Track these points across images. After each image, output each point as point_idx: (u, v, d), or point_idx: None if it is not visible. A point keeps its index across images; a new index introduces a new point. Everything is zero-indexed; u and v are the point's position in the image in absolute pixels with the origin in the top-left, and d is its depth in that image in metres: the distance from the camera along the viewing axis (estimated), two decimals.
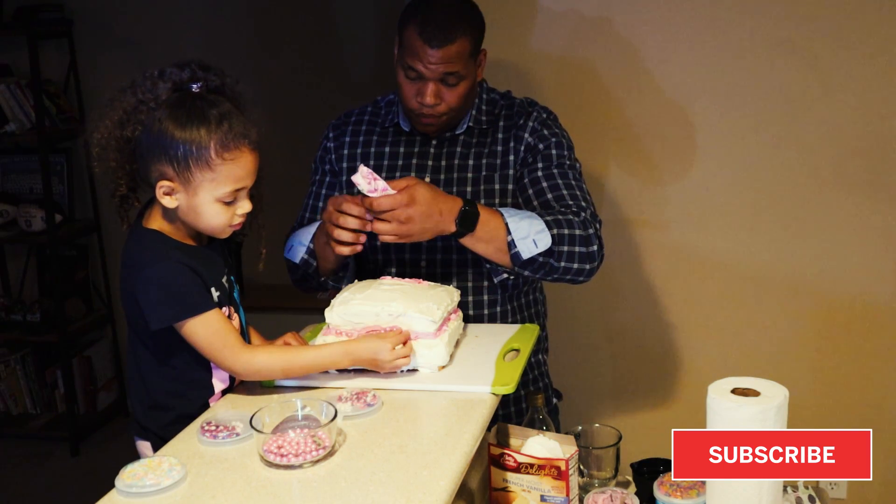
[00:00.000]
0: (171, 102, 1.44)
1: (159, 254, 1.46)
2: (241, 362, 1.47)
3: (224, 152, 1.43)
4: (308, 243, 1.86)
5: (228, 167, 1.44)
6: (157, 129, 1.43)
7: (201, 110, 1.43)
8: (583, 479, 1.58)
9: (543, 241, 1.72)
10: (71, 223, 4.00)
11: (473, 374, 1.54)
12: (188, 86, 1.46)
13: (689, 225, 2.65)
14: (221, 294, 1.53)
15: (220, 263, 1.58)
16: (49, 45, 3.89)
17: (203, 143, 1.42)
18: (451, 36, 1.75)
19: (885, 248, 2.55)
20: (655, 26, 2.55)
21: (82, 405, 4.01)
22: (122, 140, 1.47)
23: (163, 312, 1.44)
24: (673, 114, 2.59)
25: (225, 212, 1.48)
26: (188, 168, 1.43)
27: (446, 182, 1.89)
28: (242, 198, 1.50)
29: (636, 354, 2.78)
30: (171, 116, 1.43)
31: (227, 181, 1.45)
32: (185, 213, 1.48)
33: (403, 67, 1.80)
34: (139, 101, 1.45)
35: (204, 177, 1.44)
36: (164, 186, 1.45)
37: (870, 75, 2.46)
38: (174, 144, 1.42)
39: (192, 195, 1.45)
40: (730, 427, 1.23)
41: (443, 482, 1.22)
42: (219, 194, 1.46)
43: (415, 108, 1.83)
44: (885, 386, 2.62)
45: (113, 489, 1.25)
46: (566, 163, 1.88)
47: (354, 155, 1.96)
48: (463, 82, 1.81)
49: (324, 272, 1.88)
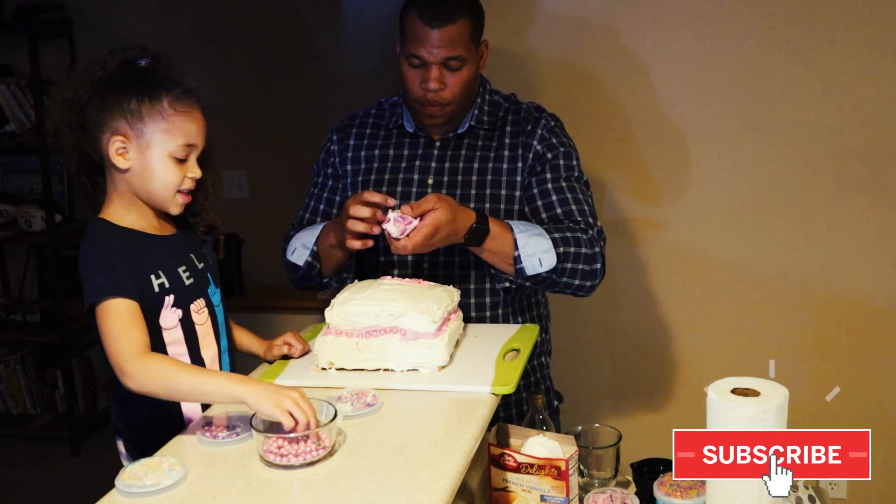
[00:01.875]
0: (120, 72, 1.49)
1: (92, 237, 1.48)
2: (130, 362, 1.37)
3: (177, 103, 1.48)
4: (312, 246, 1.87)
5: (181, 119, 1.48)
6: (111, 91, 1.46)
7: (152, 73, 1.49)
8: (583, 479, 1.58)
9: (548, 261, 1.76)
10: (71, 223, 3.99)
11: (473, 374, 1.54)
12: (136, 61, 1.51)
13: (689, 225, 2.65)
14: (172, 282, 1.51)
15: (182, 254, 1.57)
16: (49, 45, 3.89)
17: (157, 97, 1.47)
18: (451, 16, 1.77)
19: (885, 249, 2.55)
20: (655, 27, 2.55)
21: (82, 405, 4.01)
22: (73, 113, 1.49)
23: (85, 295, 1.43)
24: (672, 114, 2.59)
25: (176, 171, 1.49)
26: (141, 119, 1.46)
27: (450, 184, 1.90)
28: (193, 160, 1.52)
29: (636, 354, 2.78)
30: (122, 80, 1.47)
31: (179, 134, 1.48)
32: (138, 175, 1.49)
33: (406, 56, 1.82)
34: (87, 74, 1.49)
35: (157, 127, 1.47)
36: (118, 142, 1.46)
37: (870, 75, 2.46)
38: (128, 99, 1.46)
39: (144, 149, 1.47)
40: (730, 427, 1.23)
41: (443, 482, 1.22)
42: (171, 147, 1.48)
43: (420, 95, 1.83)
44: (885, 386, 2.62)
45: (113, 489, 1.25)
46: (574, 174, 1.90)
47: (359, 157, 1.96)
48: (466, 67, 1.82)
49: (327, 274, 1.90)
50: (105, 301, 1.41)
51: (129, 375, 1.38)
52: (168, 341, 1.51)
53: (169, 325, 1.51)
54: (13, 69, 3.90)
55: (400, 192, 1.91)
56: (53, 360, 4.02)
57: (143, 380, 1.37)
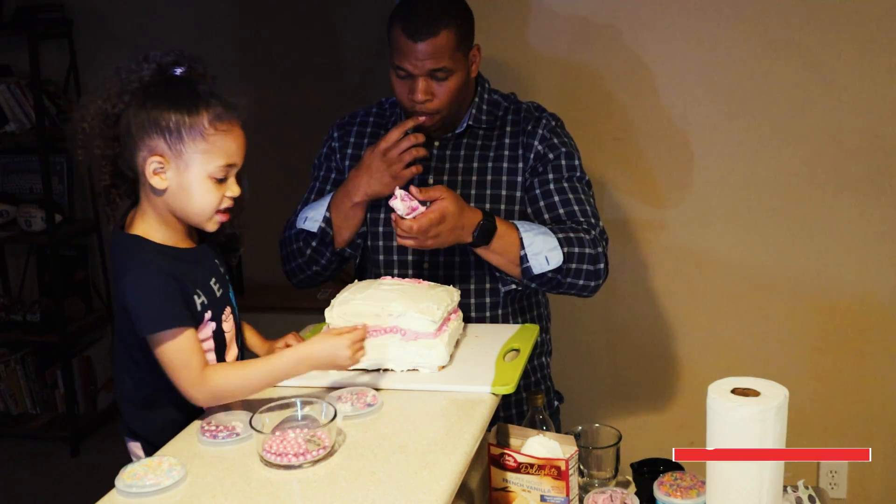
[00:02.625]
0: (157, 83, 1.44)
1: (138, 260, 1.43)
2: (197, 386, 1.40)
3: (217, 123, 1.42)
4: (325, 212, 1.88)
5: (221, 139, 1.43)
6: (148, 105, 1.42)
7: (191, 86, 1.44)
8: (583, 479, 1.58)
9: (555, 259, 1.75)
10: (71, 223, 4.00)
11: (473, 374, 1.54)
12: (172, 70, 1.46)
13: (690, 225, 2.65)
14: (209, 298, 1.50)
15: (211, 264, 1.55)
16: (49, 45, 3.89)
17: (197, 115, 1.41)
18: (433, 29, 1.76)
19: (885, 248, 2.55)
20: (655, 28, 2.54)
21: (82, 405, 4.01)
22: (107, 125, 1.45)
23: (140, 322, 1.41)
24: (672, 114, 2.59)
25: (215, 191, 1.45)
26: (181, 139, 1.41)
27: (450, 184, 1.90)
28: (232, 178, 1.48)
29: (636, 355, 2.78)
30: (160, 94, 1.42)
31: (220, 154, 1.43)
32: (175, 196, 1.45)
33: (394, 68, 1.82)
34: (123, 84, 1.44)
35: (197, 148, 1.42)
36: (155, 162, 1.42)
37: (870, 75, 2.46)
38: (166, 117, 1.41)
39: (183, 170, 1.43)
40: (730, 427, 1.23)
41: (443, 482, 1.22)
42: (210, 169, 1.43)
43: (409, 106, 1.84)
44: (885, 386, 2.62)
45: (113, 489, 1.25)
46: (576, 175, 1.90)
47: (358, 156, 1.96)
48: (453, 77, 1.81)
49: (341, 241, 1.90)
50: (163, 332, 1.39)
51: (202, 400, 1.42)
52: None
53: (204, 337, 1.49)
54: (13, 69, 3.90)
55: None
56: (53, 360, 4.01)
57: (215, 398, 1.43)
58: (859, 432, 2.62)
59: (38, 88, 3.67)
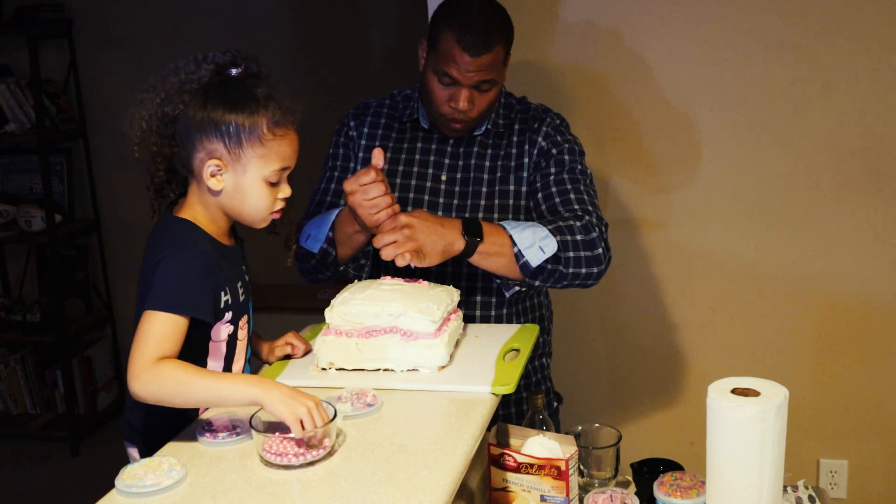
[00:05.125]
0: (215, 84, 1.45)
1: (187, 239, 1.45)
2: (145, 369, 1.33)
3: (276, 128, 1.44)
4: (328, 232, 1.82)
5: (278, 143, 1.45)
6: (208, 107, 1.43)
7: (249, 90, 1.45)
8: (583, 479, 1.58)
9: (550, 247, 1.72)
10: (71, 223, 4.00)
11: (473, 374, 1.54)
12: (228, 70, 1.47)
13: (690, 225, 2.65)
14: (233, 299, 1.50)
15: (238, 268, 1.56)
16: (49, 45, 3.89)
17: (256, 119, 1.43)
18: (489, 45, 1.75)
19: (885, 249, 2.55)
20: (658, 31, 2.54)
21: (82, 405, 4.01)
22: (164, 123, 1.46)
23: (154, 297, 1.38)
24: (674, 115, 2.59)
25: (269, 194, 1.47)
26: (240, 144, 1.43)
27: (462, 181, 1.90)
28: (285, 180, 1.50)
29: (636, 354, 2.78)
30: (219, 96, 1.44)
31: (276, 158, 1.45)
32: (230, 197, 1.46)
33: (437, 73, 1.80)
34: (182, 83, 1.45)
35: (255, 153, 1.44)
36: (213, 165, 1.44)
37: (870, 75, 2.46)
38: (226, 120, 1.42)
39: (240, 174, 1.45)
40: (730, 427, 1.23)
41: (443, 482, 1.22)
42: (266, 173, 1.45)
43: (447, 112, 1.83)
44: (885, 386, 2.62)
45: (113, 489, 1.25)
46: (578, 168, 1.90)
47: (372, 147, 1.93)
48: (494, 88, 1.83)
49: (344, 259, 1.85)
50: (161, 311, 1.37)
51: (141, 382, 1.33)
52: (210, 352, 1.51)
53: (218, 339, 1.50)
54: (13, 69, 3.91)
55: (414, 186, 1.91)
56: (53, 360, 4.02)
57: (155, 387, 1.33)
58: (859, 432, 2.62)
59: (38, 88, 3.67)
